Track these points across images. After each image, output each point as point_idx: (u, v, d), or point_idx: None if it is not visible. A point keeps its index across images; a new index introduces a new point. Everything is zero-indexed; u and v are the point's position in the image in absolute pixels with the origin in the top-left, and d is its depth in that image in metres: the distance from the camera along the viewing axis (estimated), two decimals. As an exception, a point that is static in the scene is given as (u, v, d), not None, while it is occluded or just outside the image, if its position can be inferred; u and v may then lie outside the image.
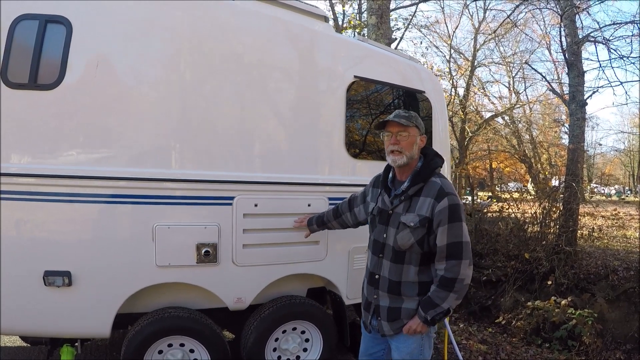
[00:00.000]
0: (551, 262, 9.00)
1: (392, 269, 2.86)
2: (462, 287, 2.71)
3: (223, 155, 3.75)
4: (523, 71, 24.07)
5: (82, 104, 3.35)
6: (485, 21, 22.50)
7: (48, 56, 3.28)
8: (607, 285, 8.49)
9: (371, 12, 8.90)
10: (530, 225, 10.64)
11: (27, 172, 3.25)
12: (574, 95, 10.81)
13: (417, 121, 2.88)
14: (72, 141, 3.35)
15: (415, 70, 4.90)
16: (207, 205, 3.69)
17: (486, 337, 7.38)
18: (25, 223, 3.32)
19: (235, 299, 3.89)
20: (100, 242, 3.44)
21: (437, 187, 2.77)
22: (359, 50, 4.48)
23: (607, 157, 47.93)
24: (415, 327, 2.81)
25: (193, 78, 3.65)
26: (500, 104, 25.21)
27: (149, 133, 3.54)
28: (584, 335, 7.11)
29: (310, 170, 4.12)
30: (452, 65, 22.49)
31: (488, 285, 9.45)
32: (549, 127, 26.67)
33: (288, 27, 4.04)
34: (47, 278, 3.30)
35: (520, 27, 20.47)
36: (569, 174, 10.63)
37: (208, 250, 3.64)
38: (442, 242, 2.70)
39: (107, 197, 3.43)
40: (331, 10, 14.66)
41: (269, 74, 3.94)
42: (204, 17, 3.70)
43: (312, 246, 4.12)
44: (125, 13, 3.47)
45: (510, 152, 24.07)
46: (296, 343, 4.22)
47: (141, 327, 3.60)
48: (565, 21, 10.94)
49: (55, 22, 3.27)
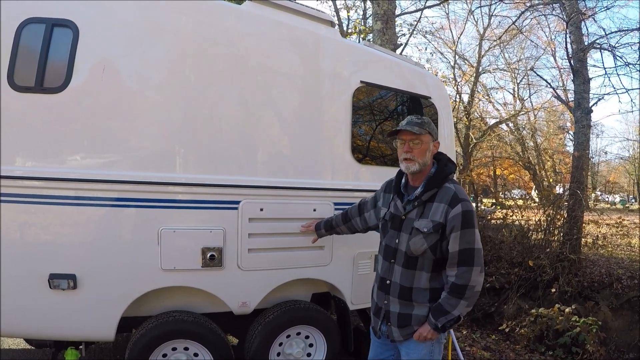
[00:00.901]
0: (555, 270, 8.96)
1: (403, 275, 2.85)
2: (472, 294, 2.70)
3: (228, 159, 3.75)
4: (528, 78, 24.03)
5: (88, 108, 3.36)
6: (490, 27, 22.46)
7: (54, 60, 3.30)
8: (611, 294, 8.45)
9: (376, 18, 8.92)
10: (534, 232, 10.59)
11: (32, 175, 3.26)
12: (579, 102, 10.78)
13: (430, 127, 2.88)
14: (78, 144, 3.36)
15: (421, 75, 4.91)
16: (213, 209, 3.70)
17: (489, 344, 7.35)
18: (31, 226, 3.32)
19: (240, 303, 3.89)
20: (106, 246, 3.44)
21: (451, 193, 2.76)
22: (365, 55, 4.49)
23: (611, 165, 47.73)
24: (425, 334, 2.80)
25: (198, 82, 3.66)
26: (505, 111, 25.19)
27: (155, 137, 3.54)
28: (587, 343, 7.07)
29: (316, 175, 4.13)
30: (457, 72, 22.50)
31: (491, 292, 9.41)
32: (553, 134, 26.62)
33: (294, 32, 4.05)
34: (52, 281, 3.31)
35: (525, 33, 20.45)
36: (573, 181, 10.59)
37: (213, 254, 3.64)
38: (454, 248, 2.70)
39: (112, 201, 3.43)
40: (336, 15, 14.67)
41: (274, 78, 3.95)
42: (209, 21, 3.72)
43: (317, 251, 4.11)
44: (131, 17, 3.49)
45: (514, 159, 24.01)
46: (300, 348, 4.21)
47: (145, 330, 3.60)
48: (571, 28, 10.92)
49: (62, 26, 3.29)
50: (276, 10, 3.97)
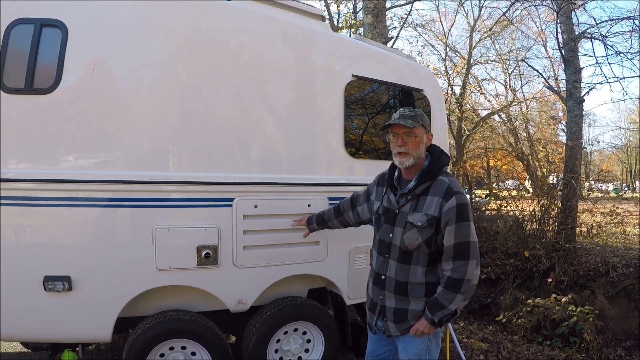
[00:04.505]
0: (551, 260, 9.01)
1: (398, 270, 2.83)
2: (469, 287, 2.68)
3: (222, 156, 3.73)
4: (519, 68, 24.04)
5: (79, 108, 3.34)
6: (480, 19, 22.43)
7: (44, 60, 3.27)
8: (607, 282, 8.50)
9: (367, 12, 8.88)
10: (529, 222, 10.63)
11: (25, 177, 3.25)
12: (571, 92, 10.82)
13: (422, 119, 2.84)
14: (70, 145, 3.33)
15: (413, 68, 4.89)
16: (207, 207, 3.68)
17: (487, 335, 7.36)
18: (25, 228, 3.31)
19: (237, 300, 3.88)
20: (100, 246, 3.42)
21: (445, 186, 2.73)
22: (357, 49, 4.47)
23: (604, 154, 48.01)
24: (422, 329, 2.78)
25: (190, 79, 3.64)
26: (497, 102, 25.21)
27: (147, 135, 3.52)
28: (585, 331, 7.11)
29: (309, 171, 4.11)
30: (448, 64, 22.49)
31: (488, 283, 9.44)
32: (546, 124, 26.67)
33: (285, 27, 4.02)
34: (47, 283, 3.29)
35: (516, 24, 20.47)
36: (567, 171, 10.64)
37: (208, 252, 3.63)
38: (449, 242, 2.67)
39: (106, 201, 3.42)
40: (327, 9, 14.62)
41: (267, 74, 3.93)
42: (200, 18, 3.69)
43: (312, 247, 4.10)
44: (122, 15, 3.46)
45: (507, 150, 24.06)
46: (298, 344, 4.20)
47: (142, 330, 3.59)
48: (562, 17, 10.95)
49: (51, 26, 3.26)
50: (266, 5, 3.95)
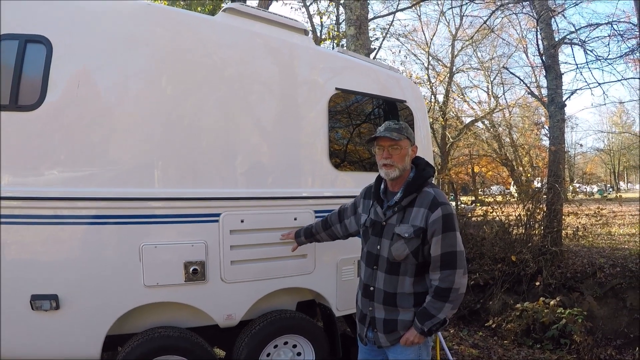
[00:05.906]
0: (538, 263, 9.08)
1: (387, 281, 2.85)
2: (457, 296, 2.72)
3: (207, 171, 3.73)
4: (501, 75, 24.34)
5: (64, 124, 3.31)
6: (462, 27, 22.74)
7: (29, 76, 3.23)
8: (595, 283, 8.59)
9: (349, 23, 8.94)
10: (515, 227, 10.72)
11: (10, 195, 3.19)
12: (552, 97, 10.96)
13: (408, 132, 2.88)
14: (55, 162, 3.30)
15: (396, 79, 4.94)
16: (193, 222, 3.67)
17: (477, 341, 7.40)
18: (10, 246, 3.24)
19: (225, 316, 3.87)
20: (87, 264, 3.39)
21: (431, 197, 2.78)
22: (339, 62, 4.51)
23: (587, 156, 48.50)
24: (412, 339, 2.81)
25: (175, 95, 3.64)
26: (480, 109, 25.44)
27: (132, 151, 3.51)
28: (575, 333, 7.16)
29: (295, 184, 4.13)
30: (431, 73, 22.69)
31: (476, 289, 9.50)
32: (529, 129, 26.94)
33: (268, 41, 4.05)
34: (34, 302, 3.25)
35: (497, 32, 20.75)
36: (551, 175, 10.75)
37: (196, 268, 3.61)
38: (436, 252, 2.71)
39: (91, 218, 3.39)
40: (310, 21, 14.72)
41: (251, 88, 3.94)
42: (184, 33, 3.70)
43: (300, 260, 4.10)
44: (106, 30, 3.45)
45: (491, 156, 24.25)
46: (288, 357, 4.19)
47: (131, 348, 3.55)
48: (541, 24, 11.10)
49: (35, 42, 3.24)
50: (249, 20, 3.98)
